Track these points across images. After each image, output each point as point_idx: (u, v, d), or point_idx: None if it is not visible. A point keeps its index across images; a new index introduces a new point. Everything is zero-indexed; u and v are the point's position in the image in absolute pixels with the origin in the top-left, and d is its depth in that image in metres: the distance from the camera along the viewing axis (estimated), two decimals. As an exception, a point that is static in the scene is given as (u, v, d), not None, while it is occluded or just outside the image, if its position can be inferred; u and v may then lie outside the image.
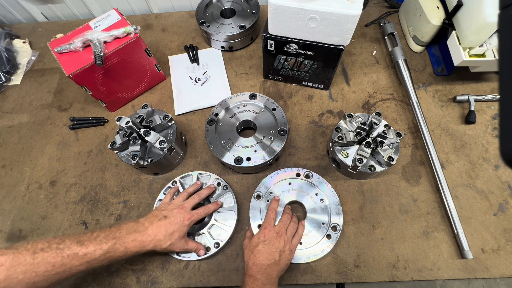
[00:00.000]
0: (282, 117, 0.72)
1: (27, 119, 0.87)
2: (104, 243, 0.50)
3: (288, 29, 0.68)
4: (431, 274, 0.62)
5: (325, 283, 0.61)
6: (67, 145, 0.82)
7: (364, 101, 0.83)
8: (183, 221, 0.58)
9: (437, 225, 0.66)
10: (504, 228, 0.65)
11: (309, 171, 0.69)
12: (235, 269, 0.64)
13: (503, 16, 0.29)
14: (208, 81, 0.88)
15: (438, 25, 0.76)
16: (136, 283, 0.64)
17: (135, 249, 0.53)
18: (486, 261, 0.62)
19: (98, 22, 0.74)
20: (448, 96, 0.81)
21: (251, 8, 0.91)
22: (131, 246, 0.52)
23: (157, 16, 1.05)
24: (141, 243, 0.53)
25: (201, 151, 0.78)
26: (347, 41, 0.67)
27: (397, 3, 0.98)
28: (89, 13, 1.10)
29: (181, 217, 0.59)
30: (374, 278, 0.62)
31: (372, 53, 0.91)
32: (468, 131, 0.76)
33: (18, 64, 0.96)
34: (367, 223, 0.67)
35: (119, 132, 0.67)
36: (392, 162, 0.62)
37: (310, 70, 0.79)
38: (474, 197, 0.69)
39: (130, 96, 0.86)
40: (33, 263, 0.44)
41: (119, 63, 0.74)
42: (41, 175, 0.78)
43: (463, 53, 0.68)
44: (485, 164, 0.72)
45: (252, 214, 0.66)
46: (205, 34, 0.91)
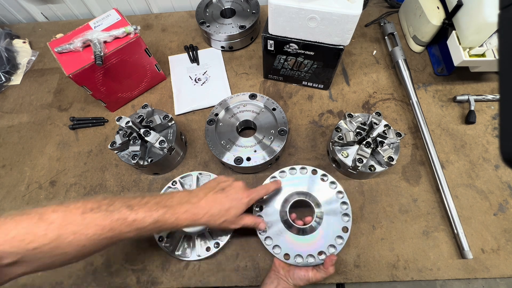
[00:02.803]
0: (282, 117, 0.72)
1: (27, 119, 0.87)
2: (154, 210, 0.45)
3: (288, 29, 0.68)
4: (431, 274, 0.62)
5: (325, 283, 0.61)
6: (67, 145, 0.82)
7: (364, 101, 0.83)
8: (242, 198, 0.52)
9: (437, 225, 0.66)
10: (504, 228, 0.65)
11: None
12: (235, 269, 0.64)
13: (503, 16, 0.29)
14: (208, 81, 0.88)
15: (438, 25, 0.76)
16: (136, 283, 0.64)
17: (186, 222, 0.48)
18: (486, 261, 0.62)
19: (98, 22, 0.74)
20: (448, 96, 0.81)
21: (251, 8, 0.91)
22: (183, 218, 0.48)
23: (157, 16, 1.05)
24: (193, 215, 0.48)
25: (201, 151, 0.78)
26: (347, 41, 0.67)
27: (397, 3, 0.98)
28: (89, 13, 1.10)
29: (240, 193, 0.53)
30: (374, 278, 0.62)
31: (372, 53, 0.91)
32: (468, 131, 0.76)
33: (18, 64, 0.96)
34: (367, 223, 0.67)
35: (119, 132, 0.67)
36: (392, 162, 0.62)
37: (310, 70, 0.79)
38: (474, 197, 0.69)
39: (130, 96, 0.86)
40: (83, 223, 0.41)
41: (119, 63, 0.74)
42: (41, 175, 0.78)
43: (463, 53, 0.68)
44: (485, 164, 0.72)
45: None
46: (205, 34, 0.92)
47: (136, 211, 0.44)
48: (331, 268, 0.54)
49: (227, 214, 0.51)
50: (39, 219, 0.39)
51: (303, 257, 0.57)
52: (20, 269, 0.39)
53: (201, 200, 0.50)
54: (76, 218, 0.41)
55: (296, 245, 0.58)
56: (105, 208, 0.43)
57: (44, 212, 0.39)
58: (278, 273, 0.58)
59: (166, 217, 0.46)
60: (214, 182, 0.55)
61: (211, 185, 0.54)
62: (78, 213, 0.41)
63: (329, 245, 0.58)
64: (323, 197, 0.62)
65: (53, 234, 0.38)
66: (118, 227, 0.43)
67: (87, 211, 0.41)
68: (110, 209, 0.43)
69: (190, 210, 0.48)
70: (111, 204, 0.43)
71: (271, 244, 0.59)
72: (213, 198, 0.51)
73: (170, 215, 0.47)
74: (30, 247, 0.37)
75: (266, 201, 0.63)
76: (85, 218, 0.41)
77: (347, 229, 0.59)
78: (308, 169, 0.65)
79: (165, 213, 0.46)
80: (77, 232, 0.40)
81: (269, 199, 0.63)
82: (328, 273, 0.54)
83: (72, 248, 0.40)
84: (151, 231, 0.46)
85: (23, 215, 0.39)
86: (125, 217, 0.43)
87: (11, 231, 0.37)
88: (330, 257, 0.55)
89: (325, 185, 0.63)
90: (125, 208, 0.44)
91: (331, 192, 0.62)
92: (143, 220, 0.44)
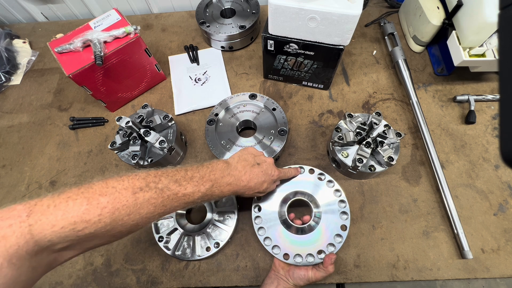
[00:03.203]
0: (282, 117, 0.72)
1: (27, 119, 0.87)
2: (201, 185, 0.47)
3: (288, 29, 0.68)
4: (431, 274, 0.62)
5: (325, 283, 0.61)
6: (67, 145, 0.82)
7: (364, 101, 0.83)
8: (273, 175, 0.57)
9: (437, 225, 0.66)
10: (504, 228, 0.65)
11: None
12: (235, 269, 0.64)
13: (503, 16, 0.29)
14: (208, 81, 0.88)
15: (438, 25, 0.76)
16: (136, 283, 0.64)
17: (229, 193, 0.52)
18: (486, 261, 0.62)
19: (98, 22, 0.74)
20: (448, 96, 0.81)
21: (251, 8, 0.91)
22: (226, 190, 0.51)
23: (157, 16, 1.05)
24: (235, 187, 0.52)
25: (201, 151, 0.78)
26: (347, 41, 0.67)
27: (397, 3, 0.98)
28: (89, 13, 1.10)
29: (273, 169, 0.57)
30: (374, 278, 0.62)
31: (372, 53, 0.91)
32: (468, 131, 0.76)
33: (18, 64, 0.96)
34: (367, 223, 0.67)
35: (119, 132, 0.67)
36: (392, 162, 0.62)
37: (310, 70, 0.79)
38: (474, 197, 0.69)
39: (130, 96, 0.86)
40: (136, 204, 0.40)
41: (119, 63, 0.74)
42: (41, 175, 0.78)
43: (463, 53, 0.68)
44: (485, 164, 0.72)
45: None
46: (205, 34, 0.91)
47: (185, 186, 0.46)
48: (330, 267, 0.54)
49: (261, 187, 0.55)
50: (88, 204, 0.37)
51: (302, 256, 0.57)
52: (71, 253, 0.38)
53: (241, 173, 0.53)
54: (129, 199, 0.40)
55: (295, 244, 0.58)
56: (154, 186, 0.43)
57: (92, 196, 0.38)
58: (278, 273, 0.58)
59: (213, 190, 0.49)
60: (249, 155, 0.56)
61: (247, 158, 0.56)
62: (129, 194, 0.40)
63: (328, 243, 0.58)
64: (321, 196, 0.62)
65: (108, 219, 0.38)
66: (170, 203, 0.44)
67: (137, 190, 0.41)
68: (159, 187, 0.43)
69: (232, 183, 0.51)
70: (158, 181, 0.44)
71: (270, 244, 0.59)
72: (251, 172, 0.54)
73: (216, 188, 0.49)
74: (83, 234, 0.36)
75: (264, 201, 0.63)
76: (137, 198, 0.41)
77: (346, 227, 0.59)
78: (305, 169, 0.65)
79: (212, 187, 0.48)
80: (132, 213, 0.40)
81: (267, 199, 0.63)
82: (328, 272, 0.55)
83: (126, 227, 0.40)
84: (198, 202, 0.49)
85: (68, 200, 0.36)
86: (176, 193, 0.44)
87: (59, 222, 0.34)
88: (330, 255, 0.55)
89: (322, 184, 0.63)
90: (173, 184, 0.45)
91: (329, 191, 0.63)
92: (192, 194, 0.46)
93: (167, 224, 0.66)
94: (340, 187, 0.62)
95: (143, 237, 0.68)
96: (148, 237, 0.68)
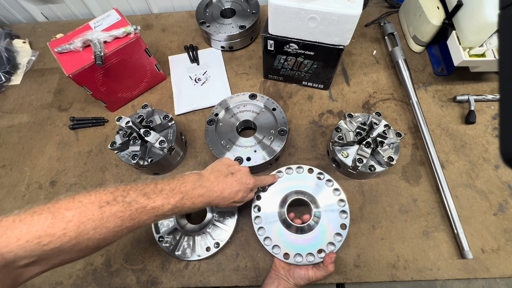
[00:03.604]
0: (282, 117, 0.72)
1: (27, 119, 0.87)
2: (171, 197, 0.47)
3: (288, 29, 0.68)
4: (431, 274, 0.62)
5: (325, 283, 0.61)
6: (67, 145, 0.82)
7: (364, 101, 0.83)
8: (249, 183, 0.56)
9: (437, 225, 0.66)
10: (504, 228, 0.65)
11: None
12: (235, 269, 0.64)
13: (503, 16, 0.29)
14: (208, 81, 0.88)
15: (438, 25, 0.76)
16: (136, 283, 0.64)
17: (201, 204, 0.51)
18: (486, 261, 0.62)
19: (98, 22, 0.74)
20: (448, 96, 0.81)
21: (251, 8, 0.91)
22: (198, 201, 0.50)
23: (157, 16, 1.05)
24: (207, 198, 0.51)
25: (201, 151, 0.78)
26: (347, 41, 0.67)
27: (397, 3, 0.98)
28: (89, 13, 1.10)
29: (248, 178, 0.56)
30: (374, 278, 0.62)
31: (372, 53, 0.91)
32: (468, 131, 0.76)
33: (18, 64, 0.96)
34: (367, 223, 0.67)
35: (119, 132, 0.67)
36: (392, 162, 0.62)
37: (310, 70, 0.79)
38: (474, 197, 0.69)
39: (130, 96, 0.86)
40: (102, 217, 0.40)
41: (119, 63, 0.74)
42: (41, 175, 0.78)
43: (463, 53, 0.68)
44: (485, 164, 0.72)
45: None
46: (205, 34, 0.92)
47: (154, 199, 0.45)
48: (330, 266, 0.54)
49: (236, 196, 0.54)
50: (53, 218, 0.37)
51: (302, 256, 0.57)
52: (37, 268, 0.38)
53: (213, 183, 0.52)
54: (95, 213, 0.40)
55: (295, 244, 0.58)
56: (121, 200, 0.43)
57: (57, 211, 0.38)
58: (279, 273, 0.58)
59: (183, 202, 0.48)
60: (223, 166, 0.56)
61: (221, 168, 0.56)
62: (95, 208, 0.40)
63: (328, 242, 0.58)
64: (320, 196, 0.62)
65: (73, 233, 0.37)
66: (138, 216, 0.44)
67: (103, 204, 0.41)
68: (127, 200, 0.43)
69: (205, 194, 0.51)
70: (126, 195, 0.43)
71: (271, 244, 0.59)
72: (224, 181, 0.53)
73: (187, 200, 0.49)
74: (48, 248, 0.36)
75: (264, 201, 0.63)
76: (104, 212, 0.40)
77: (346, 226, 0.59)
78: (304, 168, 0.65)
79: (182, 199, 0.48)
80: (98, 226, 0.40)
81: (267, 199, 0.63)
82: (328, 271, 0.55)
83: (93, 242, 0.40)
84: (170, 215, 0.48)
85: (33, 215, 0.37)
86: (144, 206, 0.44)
87: (24, 235, 0.34)
88: (330, 254, 0.55)
89: (322, 183, 0.63)
90: (142, 197, 0.44)
91: (328, 190, 0.63)
92: (162, 207, 0.46)
93: (167, 224, 0.66)
94: (340, 186, 0.62)
95: (143, 237, 0.68)
96: (148, 237, 0.68)
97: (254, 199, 0.63)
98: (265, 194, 0.64)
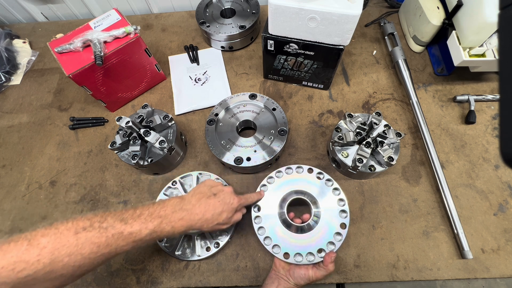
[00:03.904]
0: (282, 117, 0.72)
1: (27, 119, 0.87)
2: (149, 221, 0.46)
3: (288, 29, 0.68)
4: (431, 274, 0.62)
5: (325, 283, 0.61)
6: (67, 145, 0.82)
7: (364, 101, 0.83)
8: (233, 203, 0.55)
9: (437, 225, 0.66)
10: (504, 228, 0.65)
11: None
12: (235, 269, 0.64)
13: (503, 16, 0.29)
14: (208, 81, 0.88)
15: (438, 25, 0.76)
16: (136, 283, 0.64)
17: (182, 228, 0.49)
18: (486, 261, 0.62)
19: (98, 22, 0.74)
20: (448, 96, 0.81)
21: (251, 8, 0.91)
22: (178, 225, 0.49)
23: (157, 16, 1.05)
24: (188, 222, 0.50)
25: (201, 151, 0.78)
26: (347, 41, 0.67)
27: (397, 3, 0.98)
28: (89, 13, 1.10)
29: (231, 198, 0.55)
30: (374, 278, 0.62)
31: (372, 53, 0.91)
32: (468, 131, 0.76)
33: (18, 64, 0.96)
34: (367, 223, 0.67)
35: (119, 132, 0.67)
36: (392, 162, 0.62)
37: (310, 70, 0.79)
38: (474, 197, 0.69)
39: (130, 96, 0.86)
40: (77, 244, 0.40)
41: (119, 63, 0.74)
42: (41, 175, 0.78)
43: (463, 53, 0.68)
44: (485, 164, 0.72)
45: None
46: (205, 34, 0.92)
47: (131, 224, 0.44)
48: (330, 265, 0.54)
49: (220, 217, 0.53)
50: (28, 245, 0.37)
51: (302, 255, 0.57)
52: None
53: (194, 206, 0.51)
54: (69, 239, 0.40)
55: (295, 243, 0.58)
56: (98, 226, 0.42)
57: (33, 238, 0.38)
58: (279, 272, 0.58)
59: (162, 226, 0.47)
60: (205, 187, 0.55)
61: (203, 190, 0.55)
62: (71, 234, 0.40)
63: (328, 242, 0.58)
64: (320, 195, 0.62)
65: (47, 260, 0.37)
66: (115, 242, 0.43)
67: (79, 230, 0.41)
68: (104, 226, 0.43)
69: (185, 217, 0.49)
70: (104, 221, 0.43)
71: (271, 244, 0.59)
72: (206, 203, 0.52)
73: (166, 224, 0.47)
74: (22, 275, 0.36)
75: (264, 201, 0.63)
76: (79, 238, 0.40)
77: (345, 225, 0.59)
78: (304, 168, 0.65)
79: (161, 223, 0.47)
80: (72, 253, 0.39)
81: (267, 199, 0.63)
82: (328, 270, 0.54)
83: (68, 270, 0.40)
84: (148, 241, 0.47)
85: (10, 242, 0.37)
86: (121, 231, 0.43)
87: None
88: (329, 254, 0.55)
89: (321, 183, 0.63)
90: (119, 223, 0.44)
91: (327, 190, 0.63)
92: (139, 232, 0.45)
93: (167, 224, 0.66)
94: (339, 186, 0.62)
95: (143, 237, 0.68)
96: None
97: None
98: (264, 194, 0.64)
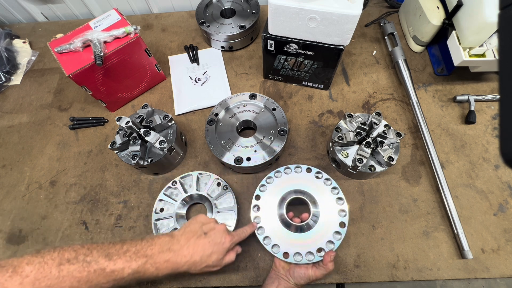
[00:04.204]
0: (282, 117, 0.72)
1: (27, 119, 0.87)
2: (134, 260, 0.44)
3: (288, 29, 0.68)
4: (431, 274, 0.62)
5: (325, 283, 0.61)
6: (67, 145, 0.82)
7: (364, 101, 0.83)
8: (224, 243, 0.52)
9: (437, 225, 0.66)
10: (504, 228, 0.65)
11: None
12: (235, 269, 0.64)
13: (503, 16, 0.29)
14: (208, 81, 0.88)
15: (438, 25, 0.76)
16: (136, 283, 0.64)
17: (166, 271, 0.47)
18: (486, 261, 0.62)
19: (98, 22, 0.74)
20: (448, 96, 0.81)
21: (251, 8, 0.91)
22: (163, 267, 0.46)
23: (157, 16, 1.05)
24: (174, 264, 0.47)
25: (201, 151, 0.78)
26: (347, 41, 0.67)
27: (397, 3, 0.98)
28: (89, 13, 1.10)
29: (223, 237, 0.52)
30: (374, 278, 0.62)
31: (372, 53, 0.91)
32: (468, 131, 0.76)
33: (18, 64, 0.96)
34: (367, 223, 0.67)
35: (119, 132, 0.67)
36: (392, 162, 0.62)
37: (310, 70, 0.79)
38: (474, 197, 0.69)
39: (130, 96, 0.86)
40: (59, 276, 0.39)
41: (119, 63, 0.74)
42: (41, 175, 0.78)
43: (463, 53, 0.68)
44: (485, 164, 0.72)
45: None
46: (205, 34, 0.92)
47: (115, 261, 0.43)
48: (330, 264, 0.54)
49: (209, 260, 0.51)
50: (13, 272, 0.37)
51: (302, 254, 0.57)
52: None
53: (183, 247, 0.49)
54: (52, 271, 0.39)
55: (294, 243, 0.58)
56: (82, 259, 0.42)
57: (19, 265, 0.38)
58: (279, 272, 0.58)
59: (146, 267, 0.45)
60: (197, 224, 0.54)
61: (193, 229, 0.52)
62: (54, 265, 0.40)
63: (328, 241, 0.58)
64: (318, 194, 0.62)
65: None
66: (96, 279, 0.42)
67: (63, 262, 0.41)
68: (88, 260, 0.42)
69: (171, 259, 0.47)
70: (89, 254, 0.43)
71: (270, 243, 0.59)
72: (194, 244, 0.50)
73: (150, 265, 0.46)
74: None
75: (263, 201, 0.63)
76: (61, 270, 0.40)
77: (344, 224, 0.59)
78: (302, 168, 0.65)
79: (145, 263, 0.45)
80: (52, 286, 0.39)
81: (266, 199, 0.63)
82: (327, 269, 0.54)
83: None
84: (130, 281, 0.45)
85: None
86: (103, 268, 0.42)
87: None
88: (329, 253, 0.55)
89: (320, 182, 0.63)
90: (103, 258, 0.43)
91: (326, 189, 0.63)
92: (121, 271, 0.43)
93: (167, 224, 0.66)
94: (338, 185, 0.63)
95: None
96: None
97: (253, 199, 0.63)
98: (264, 194, 0.64)
